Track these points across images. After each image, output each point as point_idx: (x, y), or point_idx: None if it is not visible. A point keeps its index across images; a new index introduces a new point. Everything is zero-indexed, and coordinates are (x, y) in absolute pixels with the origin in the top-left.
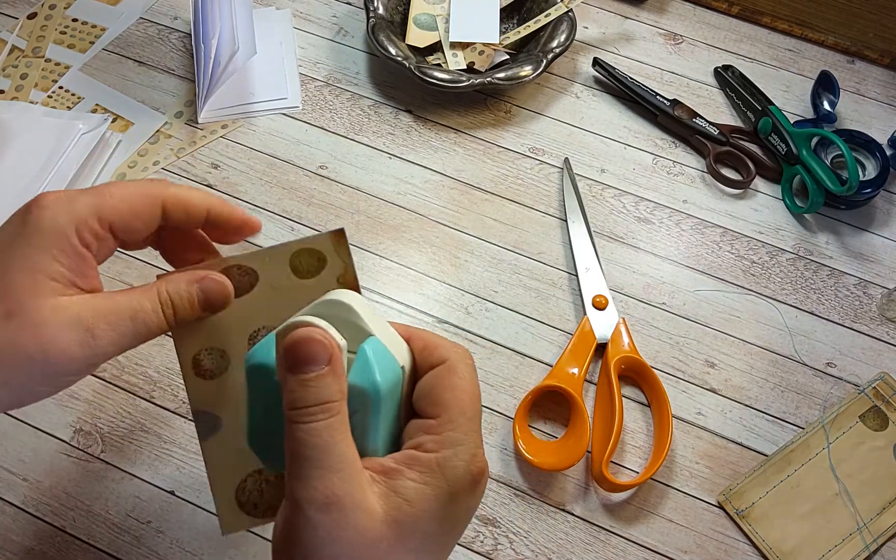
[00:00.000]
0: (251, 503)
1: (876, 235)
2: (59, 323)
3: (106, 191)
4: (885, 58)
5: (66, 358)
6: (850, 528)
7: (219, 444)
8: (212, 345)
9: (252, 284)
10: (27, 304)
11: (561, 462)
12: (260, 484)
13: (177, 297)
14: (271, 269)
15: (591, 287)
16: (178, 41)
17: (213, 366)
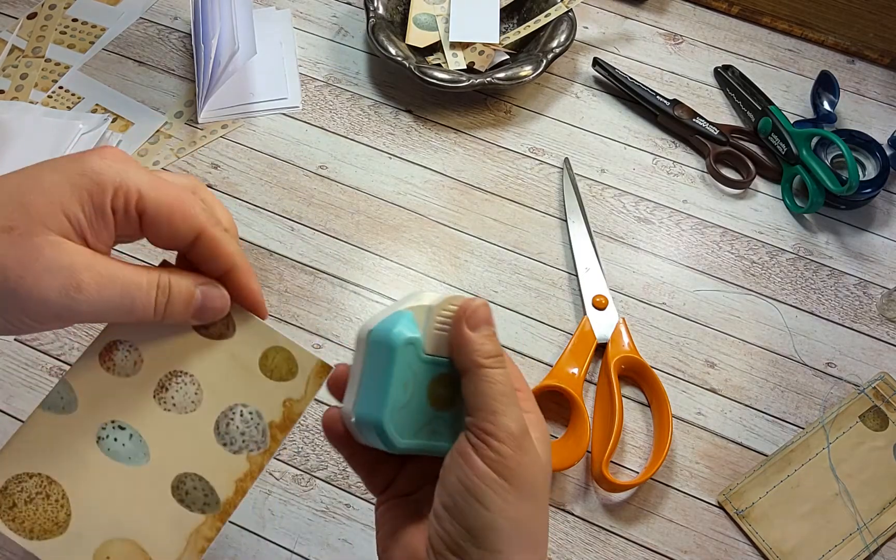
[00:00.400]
0: (12, 500)
1: (876, 235)
2: (51, 260)
3: (159, 182)
4: (885, 58)
5: (41, 298)
6: (850, 528)
7: (52, 424)
8: (138, 348)
9: (220, 335)
10: (31, 228)
11: (561, 462)
12: (39, 493)
13: (176, 289)
14: (248, 341)
15: (591, 287)
16: (178, 41)
17: (121, 365)
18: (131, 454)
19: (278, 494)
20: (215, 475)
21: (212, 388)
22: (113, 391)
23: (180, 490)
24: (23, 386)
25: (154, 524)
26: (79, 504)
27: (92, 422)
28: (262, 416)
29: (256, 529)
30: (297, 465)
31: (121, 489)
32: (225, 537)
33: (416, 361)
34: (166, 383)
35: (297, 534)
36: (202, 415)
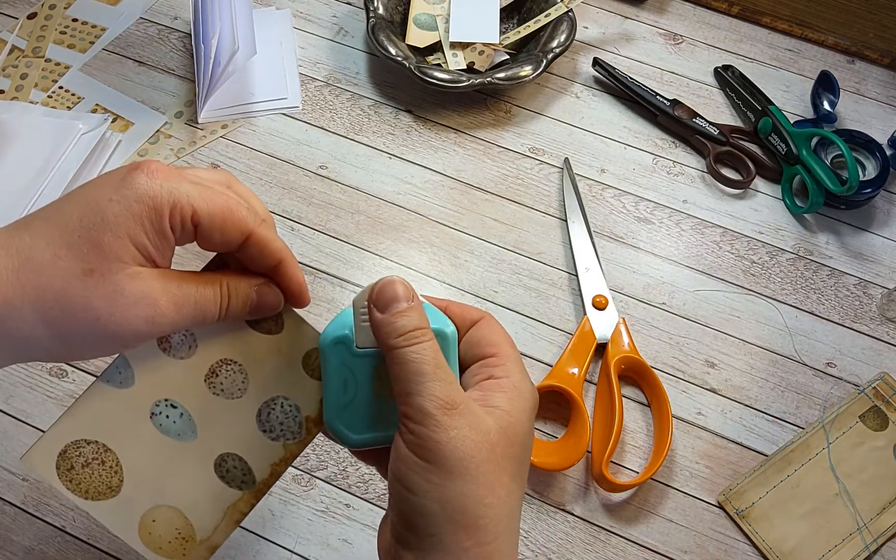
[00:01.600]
0: (70, 463)
1: (876, 235)
2: (133, 294)
3: (206, 190)
4: (885, 58)
5: (130, 330)
6: (850, 528)
7: (107, 397)
8: (194, 332)
9: (269, 331)
10: (109, 266)
11: (561, 462)
12: (95, 458)
13: (234, 294)
14: (292, 338)
15: (591, 287)
16: (178, 41)
17: (177, 348)
18: (181, 431)
19: (278, 494)
20: (254, 458)
21: (257, 379)
22: (168, 371)
23: (222, 467)
24: (23, 386)
25: (196, 496)
26: (130, 472)
27: (147, 398)
28: (301, 409)
29: (256, 529)
30: (297, 465)
31: (169, 462)
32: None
33: (350, 358)
34: (217, 369)
35: (297, 534)
36: (247, 402)
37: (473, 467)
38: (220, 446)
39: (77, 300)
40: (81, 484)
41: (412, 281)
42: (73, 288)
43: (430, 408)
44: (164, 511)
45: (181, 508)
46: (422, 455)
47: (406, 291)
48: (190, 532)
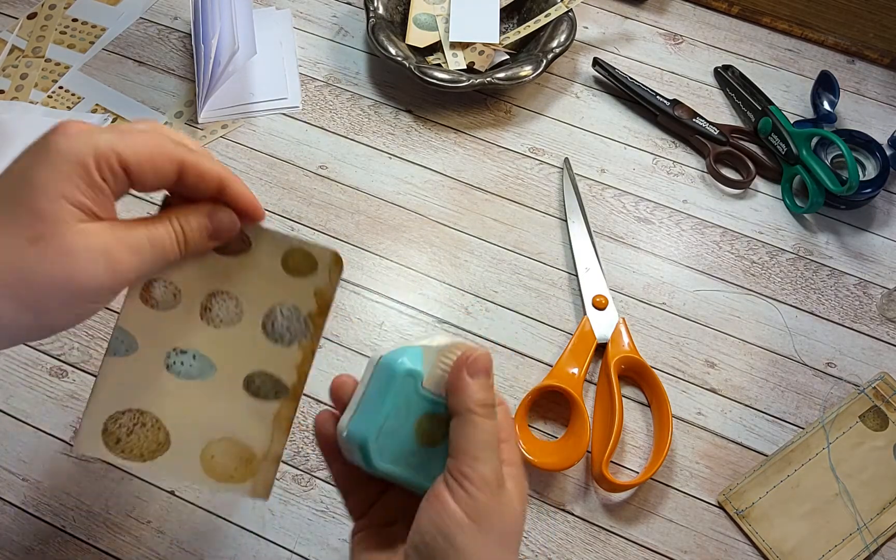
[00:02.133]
0: (116, 436)
1: (876, 235)
2: (85, 249)
3: (127, 133)
4: (885, 58)
5: (93, 284)
6: (850, 528)
7: (122, 367)
8: (172, 280)
9: (240, 251)
10: (54, 229)
11: (561, 462)
12: (134, 424)
13: (187, 226)
14: (265, 249)
15: (591, 287)
16: (178, 41)
17: (162, 299)
18: (200, 371)
19: (278, 494)
20: (277, 367)
21: (248, 298)
22: (164, 324)
23: (252, 387)
24: (23, 386)
25: (240, 420)
26: (172, 423)
27: (156, 354)
28: (300, 309)
29: (256, 529)
30: (297, 465)
31: (202, 401)
32: (224, 537)
33: (413, 394)
34: (208, 304)
35: (298, 534)
36: (248, 322)
37: (513, 541)
38: (242, 370)
39: (34, 267)
40: (134, 450)
41: (412, 281)
42: (26, 257)
43: (492, 479)
44: (218, 444)
45: (232, 436)
46: (474, 517)
47: (490, 367)
48: (249, 453)
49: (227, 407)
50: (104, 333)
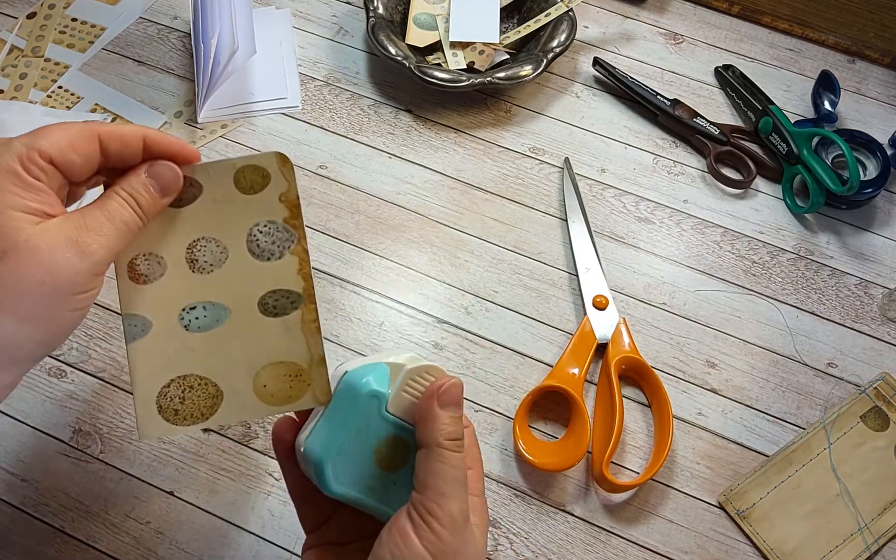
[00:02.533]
0: (172, 409)
1: (877, 235)
2: (52, 244)
3: (42, 130)
4: (886, 57)
5: (70, 273)
6: (851, 529)
7: (147, 348)
8: (150, 250)
9: (195, 196)
10: (15, 239)
11: (561, 462)
12: (183, 390)
13: (134, 191)
14: (215, 182)
15: (591, 287)
16: (177, 41)
17: (148, 271)
18: (216, 317)
19: (278, 495)
20: (280, 281)
21: (224, 234)
22: (162, 292)
23: (268, 310)
24: (22, 386)
25: (273, 343)
26: (215, 374)
27: (170, 321)
28: (274, 220)
29: (256, 530)
30: None
31: (231, 342)
32: (224, 537)
33: (376, 416)
34: (191, 257)
35: (297, 534)
36: (235, 255)
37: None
38: (252, 299)
39: (11, 279)
40: (194, 413)
41: (412, 281)
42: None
43: (458, 517)
44: (265, 373)
45: (273, 360)
46: (437, 556)
47: (461, 399)
48: (296, 368)
49: (256, 337)
50: (102, 333)
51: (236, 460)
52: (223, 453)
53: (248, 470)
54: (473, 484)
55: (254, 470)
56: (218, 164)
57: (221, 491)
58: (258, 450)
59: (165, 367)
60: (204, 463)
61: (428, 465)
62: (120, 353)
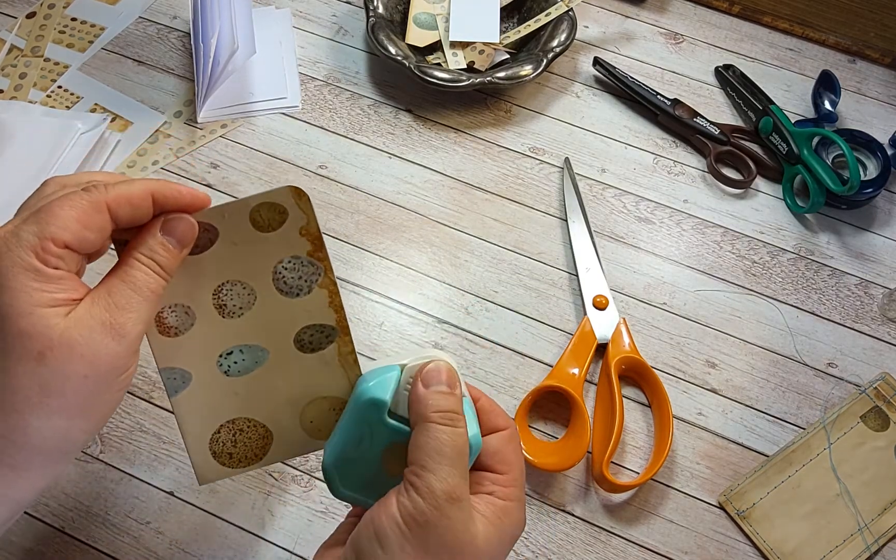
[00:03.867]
0: (226, 453)
1: (877, 235)
2: (85, 334)
3: (48, 214)
4: (887, 57)
5: (110, 358)
6: (851, 529)
7: (190, 398)
8: (176, 302)
9: (212, 241)
10: (48, 337)
11: (561, 462)
12: (234, 434)
13: (152, 253)
14: (231, 225)
15: (591, 287)
16: (177, 40)
17: (178, 323)
18: (255, 359)
19: (278, 495)
20: (314, 317)
21: (248, 275)
22: (195, 341)
23: (304, 345)
24: None
25: (314, 378)
26: (262, 415)
27: (209, 370)
28: (298, 255)
29: (256, 530)
30: (297, 466)
31: (273, 382)
32: (224, 538)
33: (378, 422)
34: (220, 303)
35: (297, 534)
36: (263, 296)
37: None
38: (288, 337)
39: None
40: (247, 455)
41: (412, 281)
42: (43, 376)
43: (438, 490)
44: (309, 408)
45: (314, 395)
46: (410, 526)
47: (451, 378)
48: (335, 401)
49: (296, 374)
50: None
51: None
52: None
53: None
54: (501, 487)
55: (254, 470)
56: (232, 205)
57: (221, 491)
58: None
59: (213, 415)
60: None
61: (414, 439)
62: None
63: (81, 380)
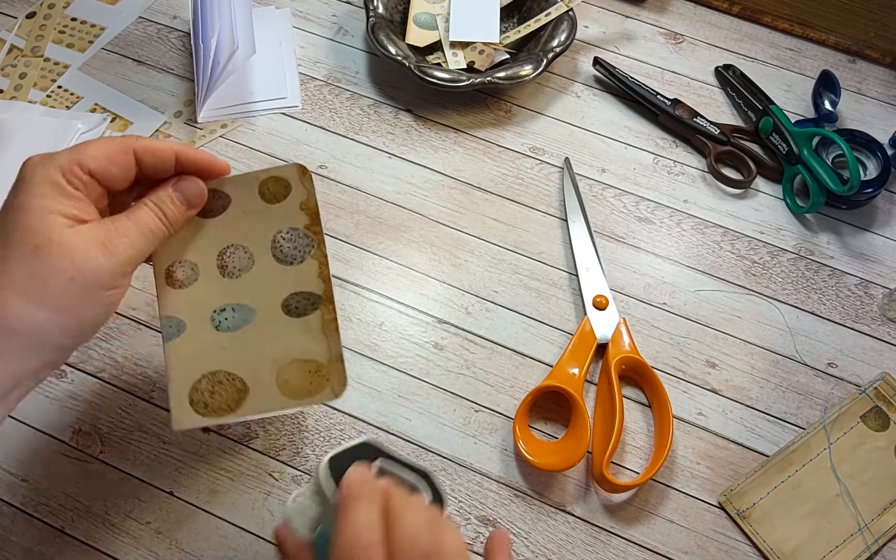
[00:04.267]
0: (202, 402)
1: (877, 235)
2: (82, 244)
3: (82, 145)
4: (887, 57)
5: (98, 270)
6: (851, 529)
7: (181, 346)
8: (185, 257)
9: (225, 207)
10: (50, 236)
11: (561, 462)
12: (213, 385)
13: (160, 202)
14: (242, 194)
15: (591, 287)
16: (177, 40)
17: (184, 277)
18: (243, 318)
19: (278, 495)
20: (303, 284)
21: (251, 241)
22: (196, 295)
23: (291, 310)
24: None
25: (295, 341)
26: (241, 369)
27: (202, 322)
28: (295, 226)
29: (256, 530)
30: (297, 466)
31: (257, 341)
32: (224, 538)
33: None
34: (223, 264)
35: None
36: (261, 260)
37: None
38: (276, 300)
39: (44, 271)
40: (222, 406)
41: (412, 281)
42: (34, 265)
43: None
44: (287, 369)
45: (293, 357)
46: None
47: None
48: (315, 364)
49: (280, 336)
50: (102, 333)
51: (236, 460)
52: (223, 453)
53: (248, 470)
54: None
55: (254, 470)
56: (244, 176)
57: (221, 491)
58: (258, 450)
59: (198, 364)
60: (204, 463)
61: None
62: (119, 353)
63: (67, 280)
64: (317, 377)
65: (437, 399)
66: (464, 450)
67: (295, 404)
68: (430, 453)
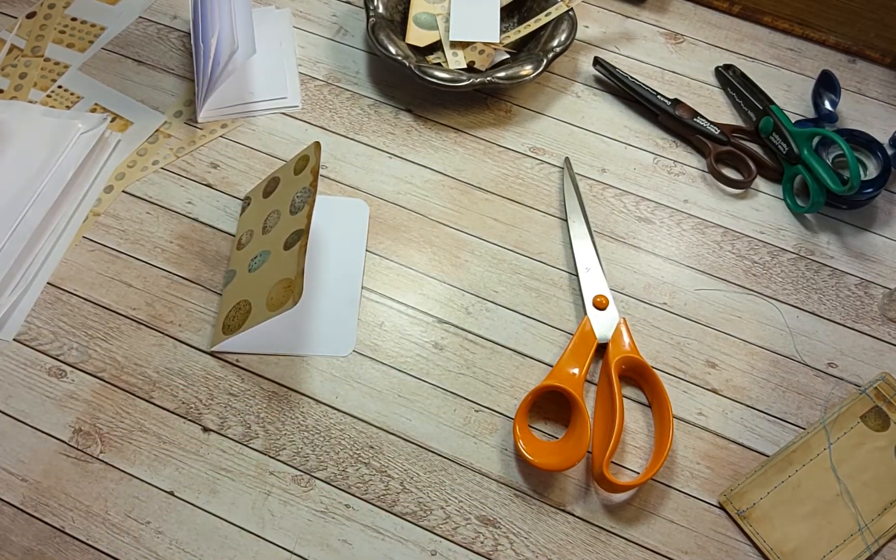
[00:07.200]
0: (227, 326)
1: (877, 235)
2: None
3: None
4: (887, 57)
5: None
6: (851, 529)
7: (230, 290)
8: (251, 229)
9: (277, 185)
10: None
11: (561, 462)
12: (235, 311)
13: None
14: (285, 174)
15: (591, 287)
16: (177, 40)
17: (246, 241)
18: (264, 260)
19: (278, 495)
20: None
21: (281, 204)
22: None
23: (287, 245)
24: (21, 386)
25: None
26: (252, 296)
27: (243, 270)
28: (305, 186)
29: (256, 530)
30: (297, 466)
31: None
32: (224, 538)
33: None
34: (265, 225)
35: (297, 534)
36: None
37: None
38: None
39: None
40: (234, 327)
41: (412, 281)
42: None
43: None
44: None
45: (279, 278)
46: None
47: None
48: (288, 280)
49: (279, 266)
50: (102, 333)
51: (236, 460)
52: (223, 453)
53: (248, 470)
54: None
55: (254, 470)
56: (290, 162)
57: (221, 491)
58: (258, 450)
59: (233, 299)
60: (204, 463)
61: None
62: (119, 353)
63: None
64: (287, 291)
65: (437, 399)
66: (464, 450)
67: (272, 315)
68: (430, 453)
